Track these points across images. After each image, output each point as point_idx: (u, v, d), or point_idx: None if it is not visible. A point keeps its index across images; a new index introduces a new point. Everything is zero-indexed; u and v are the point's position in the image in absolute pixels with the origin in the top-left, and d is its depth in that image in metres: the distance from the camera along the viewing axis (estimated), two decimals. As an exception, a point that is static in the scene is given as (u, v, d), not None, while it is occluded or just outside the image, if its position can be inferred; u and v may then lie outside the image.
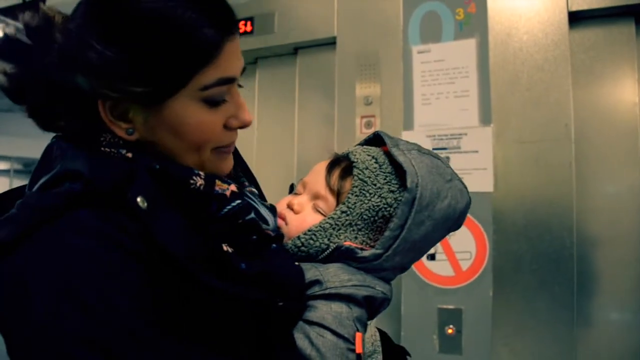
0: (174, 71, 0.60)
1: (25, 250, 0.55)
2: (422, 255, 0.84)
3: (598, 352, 1.64)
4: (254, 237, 0.69)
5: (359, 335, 0.70)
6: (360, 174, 0.79)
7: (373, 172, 0.79)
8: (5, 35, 0.64)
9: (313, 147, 2.05)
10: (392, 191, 0.78)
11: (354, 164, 0.80)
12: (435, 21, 1.83)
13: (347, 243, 0.76)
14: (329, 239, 0.76)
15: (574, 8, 1.69)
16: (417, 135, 1.78)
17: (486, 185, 1.68)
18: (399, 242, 0.75)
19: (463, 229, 1.68)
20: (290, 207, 0.83)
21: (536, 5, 1.72)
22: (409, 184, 0.75)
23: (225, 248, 0.63)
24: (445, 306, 1.69)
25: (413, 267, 1.74)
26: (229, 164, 0.73)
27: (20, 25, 0.64)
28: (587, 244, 1.68)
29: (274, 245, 0.73)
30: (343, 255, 0.76)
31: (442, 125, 1.77)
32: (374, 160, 0.80)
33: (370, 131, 1.89)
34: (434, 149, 1.75)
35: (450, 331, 1.67)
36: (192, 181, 0.64)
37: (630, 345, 1.62)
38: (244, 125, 0.70)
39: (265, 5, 2.12)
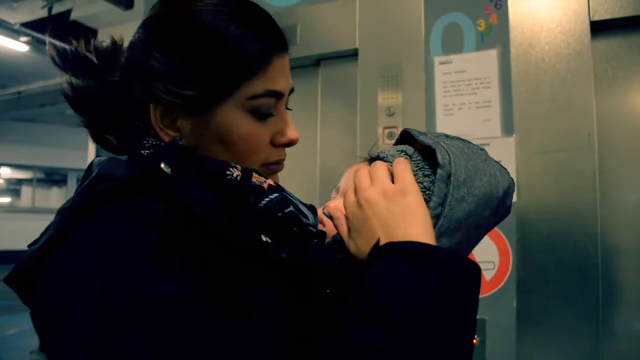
0: (223, 77, 0.64)
1: (58, 253, 0.58)
2: (474, 242, 0.81)
3: (624, 364, 1.63)
4: (294, 229, 0.69)
5: None
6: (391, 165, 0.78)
7: None
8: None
9: (335, 158, 2.07)
10: (427, 175, 0.77)
11: (384, 159, 0.80)
12: (457, 32, 1.85)
13: None
14: None
15: (596, 18, 1.69)
16: (439, 146, 1.79)
17: (509, 195, 1.69)
18: (442, 220, 0.72)
19: (486, 238, 1.68)
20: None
21: (558, 16, 1.73)
22: (440, 160, 0.74)
23: (264, 239, 0.64)
24: (469, 316, 1.69)
25: (436, 277, 1.75)
26: (275, 181, 0.74)
27: (54, 41, 0.71)
28: (612, 254, 1.67)
29: (315, 241, 0.73)
30: None
31: (464, 136, 1.74)
32: (403, 153, 0.81)
33: (393, 142, 1.90)
34: (456, 159, 1.76)
35: (474, 342, 1.66)
36: (228, 172, 0.64)
37: (657, 356, 1.61)
38: (290, 142, 0.73)
39: (288, 17, 2.15)
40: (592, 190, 1.64)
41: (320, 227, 0.80)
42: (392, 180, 0.74)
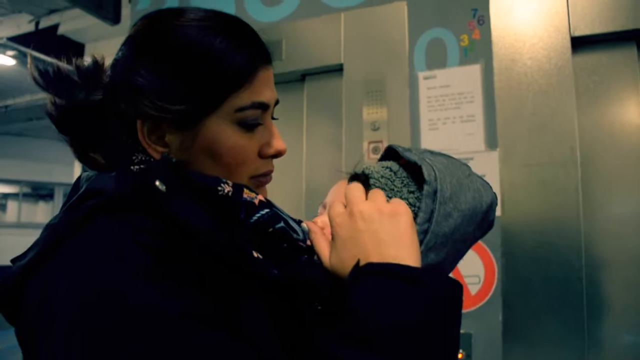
0: (210, 90, 0.65)
1: (47, 269, 0.58)
2: (459, 256, 0.81)
3: (610, 376, 1.63)
4: (285, 245, 0.70)
5: None
6: (376, 182, 0.79)
7: (389, 178, 0.79)
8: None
9: (321, 173, 2.07)
10: (412, 192, 0.77)
11: (369, 175, 0.80)
12: (441, 47, 1.86)
13: None
14: None
15: (577, 33, 1.72)
16: (424, 160, 1.80)
17: (493, 209, 1.69)
18: (430, 236, 0.73)
19: (471, 253, 1.69)
20: None
21: (539, 31, 1.75)
22: (426, 177, 0.74)
23: (255, 255, 0.64)
24: (455, 331, 1.69)
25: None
26: (264, 194, 0.75)
27: (41, 56, 0.71)
28: (596, 267, 1.68)
29: (305, 257, 0.74)
30: None
31: (448, 150, 1.76)
32: (388, 170, 0.81)
33: (378, 156, 1.91)
34: (441, 173, 1.77)
35: (460, 356, 1.66)
36: (219, 188, 0.65)
37: (642, 368, 1.61)
38: (278, 153, 0.73)
39: (273, 33, 2.16)
40: (575, 203, 1.65)
41: (309, 243, 0.80)
42: None
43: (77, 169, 3.09)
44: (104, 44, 3.53)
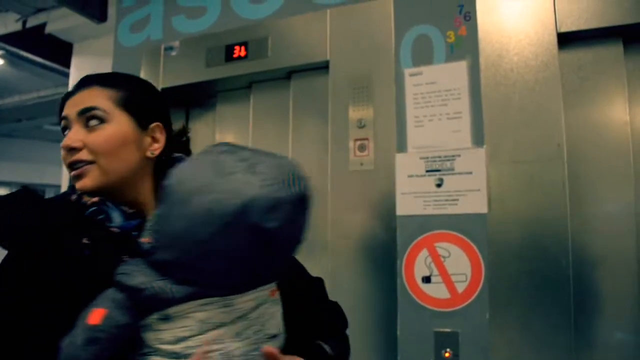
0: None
1: None
2: (200, 257, 0.77)
3: (597, 374, 1.62)
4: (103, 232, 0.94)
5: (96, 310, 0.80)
6: None
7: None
8: None
9: (307, 170, 2.04)
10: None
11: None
12: (427, 44, 1.85)
13: (144, 240, 0.86)
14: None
15: (563, 29, 1.71)
16: (410, 157, 1.79)
17: (480, 207, 1.68)
18: (157, 235, 0.82)
19: (458, 250, 1.67)
20: None
21: (526, 27, 1.74)
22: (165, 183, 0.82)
23: (85, 241, 0.90)
24: (441, 329, 1.68)
25: (408, 289, 1.73)
26: (79, 184, 0.96)
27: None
28: (584, 264, 1.67)
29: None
30: (144, 253, 0.86)
31: (435, 147, 1.77)
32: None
33: (364, 154, 1.92)
34: (427, 170, 1.75)
35: (447, 355, 1.65)
36: (71, 198, 0.97)
37: (630, 366, 1.60)
38: (64, 146, 0.95)
39: (259, 30, 2.15)
40: (562, 200, 1.64)
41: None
42: None
43: (64, 170, 3.03)
44: (92, 43, 3.49)
